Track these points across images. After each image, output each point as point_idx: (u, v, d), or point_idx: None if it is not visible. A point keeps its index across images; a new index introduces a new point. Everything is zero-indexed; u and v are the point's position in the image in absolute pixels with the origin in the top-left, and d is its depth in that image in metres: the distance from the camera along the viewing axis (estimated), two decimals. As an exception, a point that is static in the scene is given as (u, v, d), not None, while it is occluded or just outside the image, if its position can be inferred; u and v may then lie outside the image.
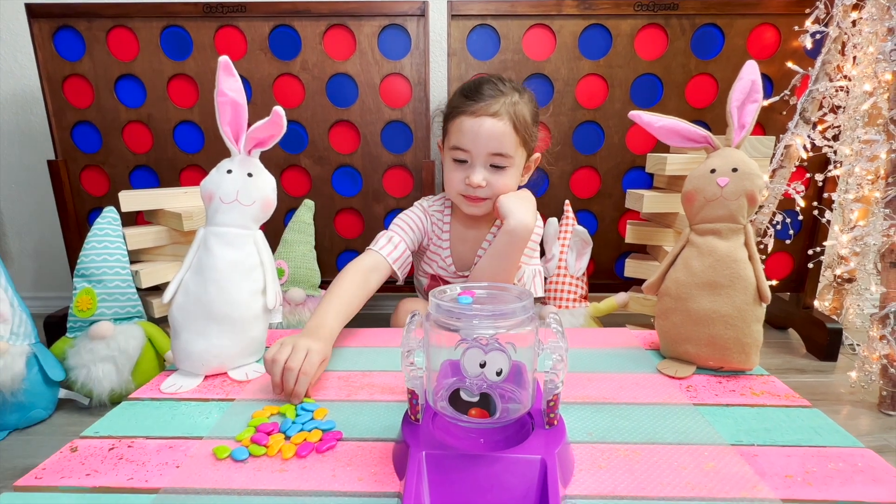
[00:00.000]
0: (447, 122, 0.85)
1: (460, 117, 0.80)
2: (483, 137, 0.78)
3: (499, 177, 0.82)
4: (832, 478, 0.44)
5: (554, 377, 0.42)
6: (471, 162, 0.81)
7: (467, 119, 0.79)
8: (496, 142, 0.79)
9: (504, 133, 0.79)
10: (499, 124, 0.78)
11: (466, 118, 0.79)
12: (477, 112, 0.79)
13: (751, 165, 0.62)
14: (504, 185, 0.82)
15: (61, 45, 1.24)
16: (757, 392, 0.58)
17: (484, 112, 0.78)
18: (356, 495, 0.42)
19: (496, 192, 0.82)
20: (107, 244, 1.05)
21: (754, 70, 0.64)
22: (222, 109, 0.62)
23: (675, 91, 1.24)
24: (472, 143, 0.79)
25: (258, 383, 0.62)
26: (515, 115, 0.80)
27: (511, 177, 0.83)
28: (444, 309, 0.42)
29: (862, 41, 1.10)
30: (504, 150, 0.80)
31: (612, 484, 0.43)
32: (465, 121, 0.80)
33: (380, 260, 0.83)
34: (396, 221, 0.91)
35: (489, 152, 0.80)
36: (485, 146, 0.79)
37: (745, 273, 0.62)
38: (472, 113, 0.79)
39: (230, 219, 0.63)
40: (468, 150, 0.80)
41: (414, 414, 0.46)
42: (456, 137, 0.81)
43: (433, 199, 0.95)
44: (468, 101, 0.80)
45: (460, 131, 0.80)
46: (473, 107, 0.79)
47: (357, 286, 0.76)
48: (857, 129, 1.14)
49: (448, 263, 0.91)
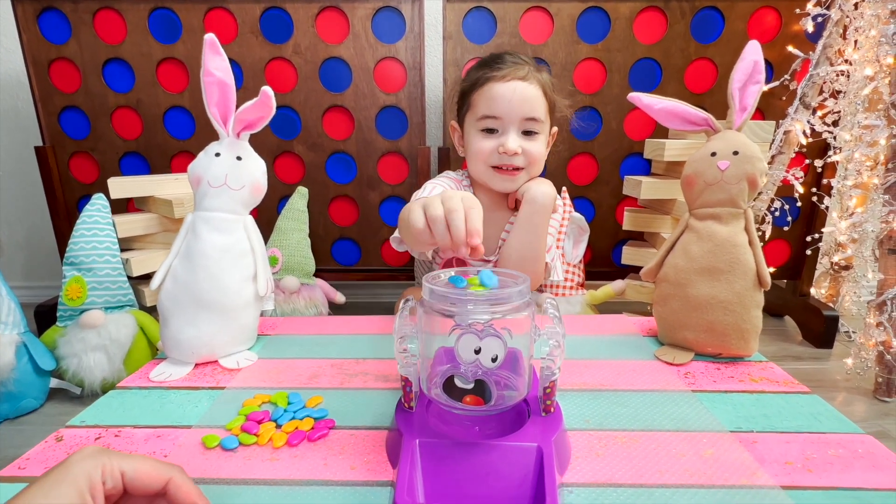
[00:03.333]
0: (470, 94, 0.81)
1: (488, 83, 0.77)
2: (517, 101, 0.75)
3: (532, 143, 0.78)
4: (832, 464, 0.43)
5: (551, 363, 0.41)
6: (502, 130, 0.77)
7: (497, 84, 0.76)
8: (529, 105, 0.76)
9: (536, 96, 0.76)
10: (530, 88, 0.76)
11: (496, 84, 0.76)
12: (507, 76, 0.76)
13: (752, 148, 0.61)
14: (538, 152, 0.78)
15: (46, 27, 1.20)
16: (756, 378, 0.58)
17: (513, 76, 0.76)
18: (348, 484, 0.41)
19: (530, 160, 0.78)
20: (96, 232, 1.03)
21: (757, 51, 0.62)
22: (209, 90, 0.60)
23: (674, 76, 1.23)
24: (505, 107, 0.75)
25: (249, 371, 0.61)
26: (542, 80, 0.78)
27: (542, 144, 0.79)
28: (438, 294, 0.40)
29: (864, 24, 1.08)
30: (536, 114, 0.76)
31: (609, 472, 0.42)
32: (494, 86, 0.76)
33: None
34: (435, 182, 0.83)
35: (523, 117, 0.76)
36: (518, 110, 0.76)
37: (744, 258, 0.61)
38: (502, 78, 0.76)
39: (219, 203, 0.61)
40: (500, 116, 0.76)
41: (408, 401, 0.45)
42: (486, 105, 0.77)
43: (460, 174, 0.89)
44: (494, 68, 0.77)
45: (491, 98, 0.76)
46: (502, 71, 0.76)
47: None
48: (857, 115, 1.13)
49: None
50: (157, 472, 0.31)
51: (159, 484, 0.31)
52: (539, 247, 0.80)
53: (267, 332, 0.73)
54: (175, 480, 0.31)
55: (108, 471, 0.29)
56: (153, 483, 0.31)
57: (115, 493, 0.30)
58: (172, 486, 0.31)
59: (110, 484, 0.30)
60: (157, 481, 0.31)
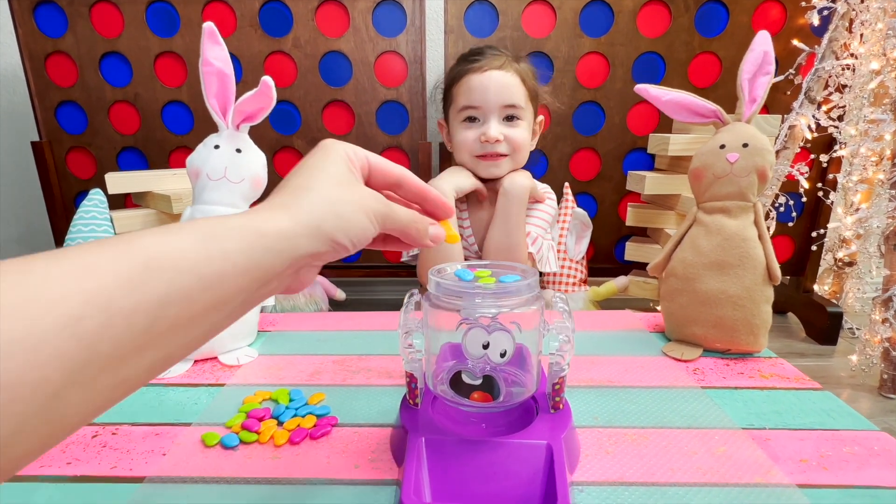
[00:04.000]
0: (450, 89, 0.84)
1: (466, 76, 0.80)
2: (493, 89, 0.78)
3: (514, 129, 0.80)
4: (848, 462, 0.42)
5: (560, 359, 0.40)
6: (483, 118, 0.80)
7: (474, 76, 0.79)
8: (507, 92, 0.78)
9: (513, 83, 0.79)
10: (507, 75, 0.78)
11: (473, 75, 0.79)
12: (483, 67, 0.79)
13: (762, 140, 0.60)
14: (520, 137, 0.80)
15: (42, 20, 1.19)
16: (766, 374, 0.57)
17: (489, 66, 0.78)
18: (352, 483, 0.40)
19: (513, 146, 0.80)
20: (93, 227, 1.01)
21: (767, 41, 0.61)
22: (208, 81, 0.59)
23: (677, 70, 1.21)
24: (482, 96, 0.78)
25: (250, 368, 0.60)
26: (520, 69, 0.80)
27: (525, 130, 0.81)
28: (444, 287, 0.39)
29: (870, 17, 1.07)
30: (515, 100, 0.79)
31: (620, 470, 0.41)
32: (472, 78, 0.79)
33: None
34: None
35: (501, 104, 0.78)
36: (496, 97, 0.78)
37: (754, 252, 0.59)
38: (479, 69, 0.79)
39: (218, 197, 0.60)
40: (480, 105, 0.79)
41: (413, 398, 0.44)
42: (465, 96, 0.80)
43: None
44: (471, 61, 0.80)
45: (469, 89, 0.79)
46: (478, 63, 0.79)
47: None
48: (863, 109, 1.12)
49: (471, 243, 0.88)
50: (390, 164, 0.35)
51: (394, 174, 0.34)
52: (516, 237, 0.81)
53: (267, 329, 0.72)
54: (407, 174, 0.35)
55: (353, 154, 0.32)
56: (391, 172, 0.34)
57: (364, 173, 0.33)
58: (408, 178, 0.35)
59: (359, 164, 0.33)
60: (394, 172, 0.34)
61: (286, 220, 0.27)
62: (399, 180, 0.35)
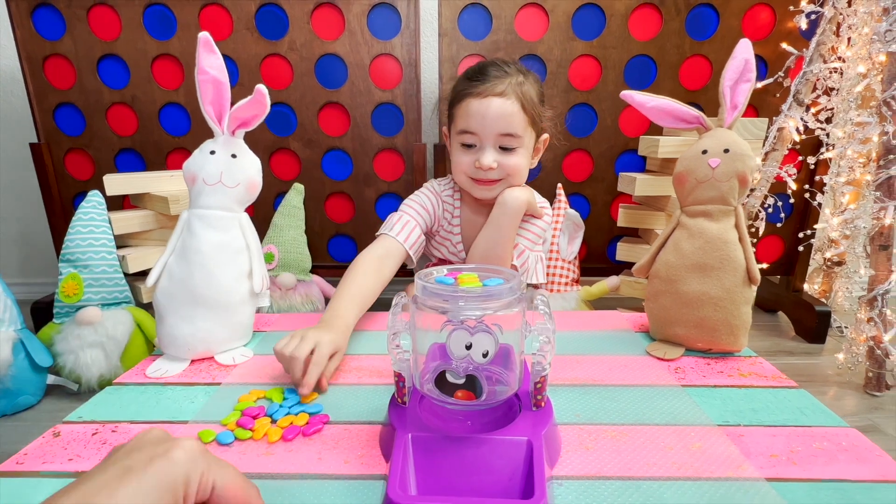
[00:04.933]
0: (453, 107, 0.83)
1: (466, 100, 0.78)
2: (491, 118, 0.77)
3: (509, 157, 0.80)
4: (817, 457, 0.44)
5: (541, 359, 0.42)
6: (480, 145, 0.79)
7: (474, 101, 0.78)
8: (505, 122, 0.77)
9: (512, 113, 0.77)
10: (507, 104, 0.77)
11: (473, 100, 0.78)
12: (483, 93, 0.77)
13: (742, 146, 0.61)
14: (516, 165, 0.80)
15: (40, 23, 1.20)
16: (744, 373, 0.59)
17: (490, 92, 0.77)
18: (342, 478, 0.42)
19: (507, 172, 0.80)
20: (92, 229, 1.03)
21: (748, 49, 0.63)
22: (203, 88, 0.60)
23: (668, 73, 1.23)
24: (479, 124, 0.77)
25: (245, 367, 0.62)
26: (522, 94, 0.78)
27: (522, 157, 0.81)
28: (430, 291, 0.41)
29: (857, 22, 1.09)
30: (513, 129, 0.78)
31: (598, 464, 0.43)
32: (471, 103, 0.78)
33: (394, 245, 0.80)
34: (408, 203, 0.87)
35: (498, 133, 0.78)
36: (493, 127, 0.77)
37: (734, 255, 0.61)
38: (479, 94, 0.77)
39: (214, 201, 0.62)
40: (476, 132, 0.78)
41: (401, 397, 0.45)
42: (463, 121, 0.79)
43: (443, 183, 0.91)
44: (473, 83, 0.78)
45: (467, 114, 0.78)
46: (479, 88, 0.77)
47: (372, 275, 0.74)
48: (850, 112, 1.14)
49: (459, 249, 0.90)
50: (243, 491, 0.31)
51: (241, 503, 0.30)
52: (503, 247, 0.83)
53: (262, 329, 0.74)
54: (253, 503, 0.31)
55: (204, 481, 0.29)
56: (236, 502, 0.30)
57: (200, 501, 0.29)
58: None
59: (201, 495, 0.29)
60: (240, 501, 0.30)
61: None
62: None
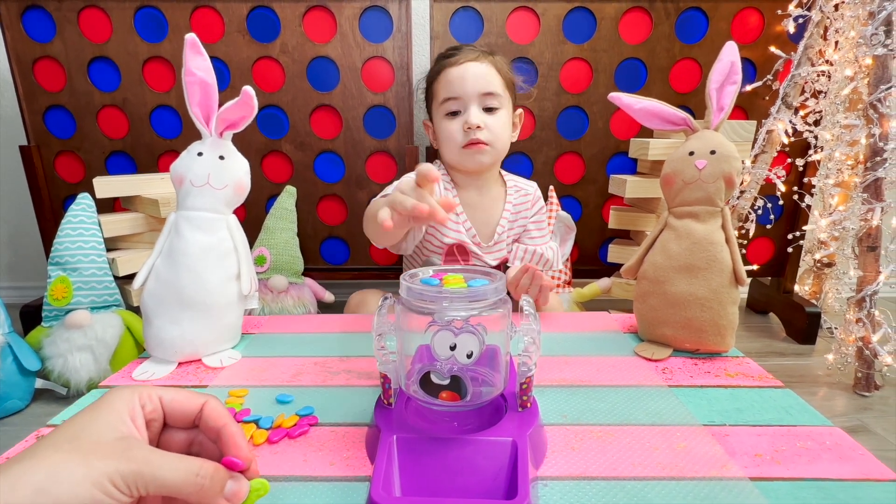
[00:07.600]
0: (431, 86, 0.88)
1: (444, 71, 0.84)
2: (470, 79, 0.82)
3: (494, 118, 0.84)
4: (800, 456, 0.44)
5: (527, 360, 0.42)
6: (464, 108, 0.84)
7: (451, 69, 0.84)
8: (484, 80, 0.82)
9: (489, 72, 0.83)
10: (482, 66, 0.83)
11: (450, 69, 0.84)
12: (459, 60, 0.84)
13: (729, 148, 0.62)
14: (501, 126, 0.84)
15: (30, 25, 1.20)
16: (731, 373, 0.59)
17: (465, 59, 0.83)
18: (326, 480, 0.42)
19: (494, 135, 0.84)
20: (81, 231, 1.02)
21: (733, 51, 0.64)
22: (191, 90, 0.60)
23: (659, 76, 1.24)
24: (460, 87, 0.82)
25: (233, 370, 0.62)
26: (495, 61, 0.85)
27: (505, 118, 0.86)
28: (415, 292, 0.41)
29: (844, 25, 1.10)
30: (493, 88, 0.83)
31: (583, 465, 0.43)
32: (449, 72, 0.84)
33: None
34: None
35: (479, 92, 0.82)
36: (474, 86, 0.82)
37: (721, 256, 0.62)
38: (455, 62, 0.84)
39: (201, 203, 0.61)
40: (459, 95, 0.83)
41: (387, 398, 0.45)
42: (444, 90, 0.84)
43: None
44: (447, 58, 0.85)
45: (448, 82, 0.84)
46: (454, 58, 0.84)
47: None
48: (837, 114, 1.15)
49: (468, 228, 0.89)
50: (193, 396, 0.31)
51: (196, 407, 0.31)
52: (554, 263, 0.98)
53: (251, 331, 0.73)
54: (210, 403, 0.32)
55: (146, 396, 0.30)
56: (191, 406, 0.31)
57: (155, 417, 0.30)
58: (207, 408, 0.31)
59: (150, 407, 0.30)
60: (194, 404, 0.31)
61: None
62: (198, 416, 0.31)
